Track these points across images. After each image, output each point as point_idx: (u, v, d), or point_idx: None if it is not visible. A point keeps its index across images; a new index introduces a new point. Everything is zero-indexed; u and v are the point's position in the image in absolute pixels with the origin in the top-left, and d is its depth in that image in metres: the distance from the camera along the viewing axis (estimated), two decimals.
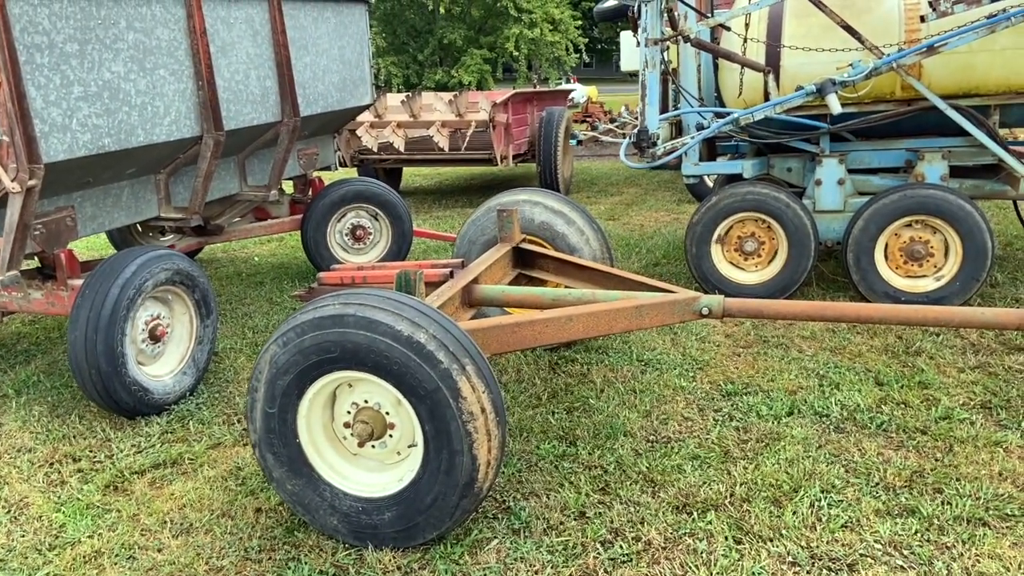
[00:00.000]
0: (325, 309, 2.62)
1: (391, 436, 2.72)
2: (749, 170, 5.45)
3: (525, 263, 4.25)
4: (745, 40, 5.12)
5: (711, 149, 5.96)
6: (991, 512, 2.76)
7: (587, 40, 34.50)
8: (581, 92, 20.10)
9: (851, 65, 4.63)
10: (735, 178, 5.65)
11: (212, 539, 2.84)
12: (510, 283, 4.14)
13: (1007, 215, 7.22)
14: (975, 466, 3.06)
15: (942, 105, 4.68)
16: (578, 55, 33.21)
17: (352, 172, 10.38)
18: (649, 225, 8.05)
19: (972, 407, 3.56)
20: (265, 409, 2.71)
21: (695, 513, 2.85)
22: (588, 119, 16.26)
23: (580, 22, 31.96)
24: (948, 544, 2.59)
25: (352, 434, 2.73)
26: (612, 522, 2.82)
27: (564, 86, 23.25)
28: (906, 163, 5.21)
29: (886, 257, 4.94)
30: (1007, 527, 2.68)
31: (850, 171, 5.26)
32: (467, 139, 8.82)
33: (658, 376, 4.11)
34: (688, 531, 2.75)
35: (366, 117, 8.78)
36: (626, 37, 16.93)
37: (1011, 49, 4.63)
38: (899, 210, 4.80)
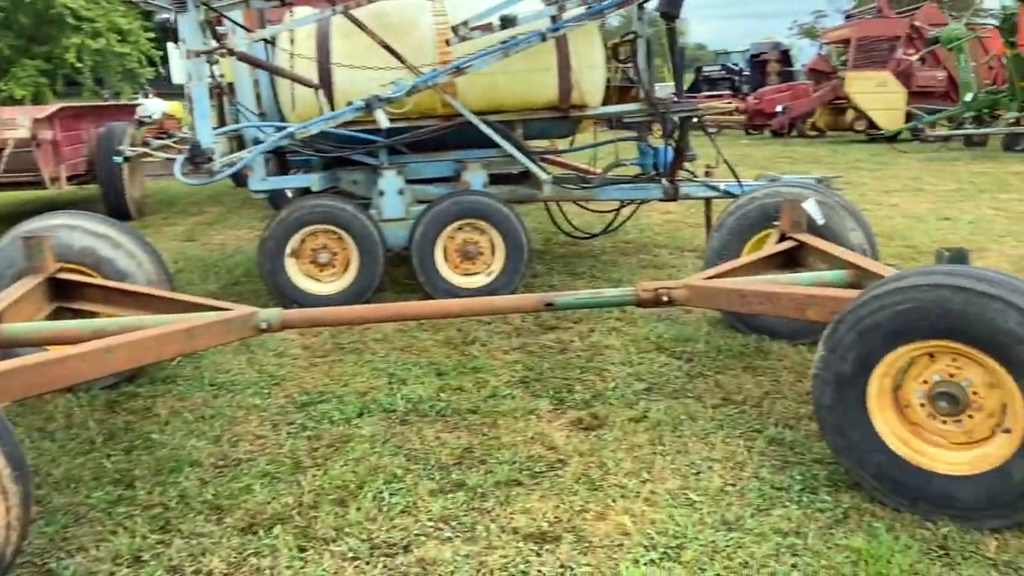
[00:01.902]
0: None
1: None
2: (317, 183, 5.56)
3: (65, 295, 3.82)
4: (292, 56, 5.20)
5: (282, 163, 5.96)
6: (524, 472, 3.15)
7: (163, 53, 32.07)
8: (156, 107, 18.69)
9: (394, 83, 4.97)
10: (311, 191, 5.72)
11: None
12: (47, 318, 3.68)
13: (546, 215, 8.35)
14: (513, 434, 3.47)
15: (475, 120, 5.27)
16: (153, 68, 30.76)
17: None
18: (231, 244, 7.80)
19: (513, 383, 4.04)
20: None
21: (261, 531, 2.80)
22: (163, 135, 15.18)
23: (153, 34, 29.57)
24: (488, 508, 2.90)
25: None
26: (171, 560, 2.64)
27: (139, 100, 21.41)
28: (455, 173, 5.75)
29: (445, 258, 5.40)
30: (536, 483, 3.08)
31: (409, 181, 5.64)
32: (3, 160, 7.64)
33: (231, 398, 3.98)
34: (253, 551, 2.69)
35: None
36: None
37: (524, 71, 5.38)
38: (450, 215, 5.28)
